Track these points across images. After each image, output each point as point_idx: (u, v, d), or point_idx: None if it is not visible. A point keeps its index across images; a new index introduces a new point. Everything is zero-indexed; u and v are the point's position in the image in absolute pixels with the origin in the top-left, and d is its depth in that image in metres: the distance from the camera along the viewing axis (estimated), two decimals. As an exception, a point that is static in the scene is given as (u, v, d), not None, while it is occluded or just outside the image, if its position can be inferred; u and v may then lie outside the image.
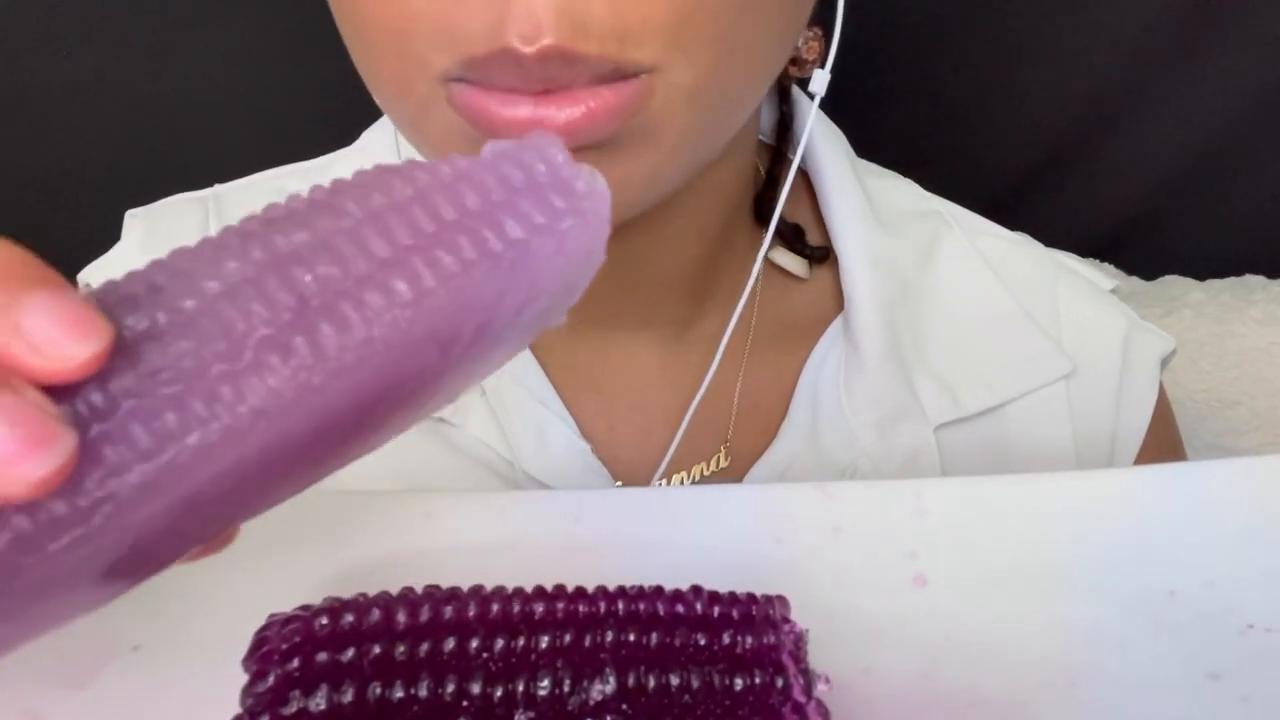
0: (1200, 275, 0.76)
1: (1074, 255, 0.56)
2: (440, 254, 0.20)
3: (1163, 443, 0.50)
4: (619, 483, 0.46)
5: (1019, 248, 0.52)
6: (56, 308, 0.17)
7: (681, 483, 0.46)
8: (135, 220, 0.50)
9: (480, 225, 0.21)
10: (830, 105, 0.43)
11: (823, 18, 0.39)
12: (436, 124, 0.33)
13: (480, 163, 0.22)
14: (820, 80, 0.42)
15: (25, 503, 0.17)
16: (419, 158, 0.37)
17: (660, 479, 0.46)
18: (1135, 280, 0.77)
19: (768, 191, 0.49)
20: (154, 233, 0.49)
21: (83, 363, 0.17)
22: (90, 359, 0.17)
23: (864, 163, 0.52)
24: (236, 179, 0.51)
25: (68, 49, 0.66)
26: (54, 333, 0.17)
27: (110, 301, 0.18)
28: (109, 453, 0.17)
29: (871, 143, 0.54)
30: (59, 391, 0.17)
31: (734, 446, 0.47)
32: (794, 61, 0.41)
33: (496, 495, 0.36)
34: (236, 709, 0.25)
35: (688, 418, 0.44)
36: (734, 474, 0.47)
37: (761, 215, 0.49)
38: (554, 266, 0.22)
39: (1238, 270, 0.76)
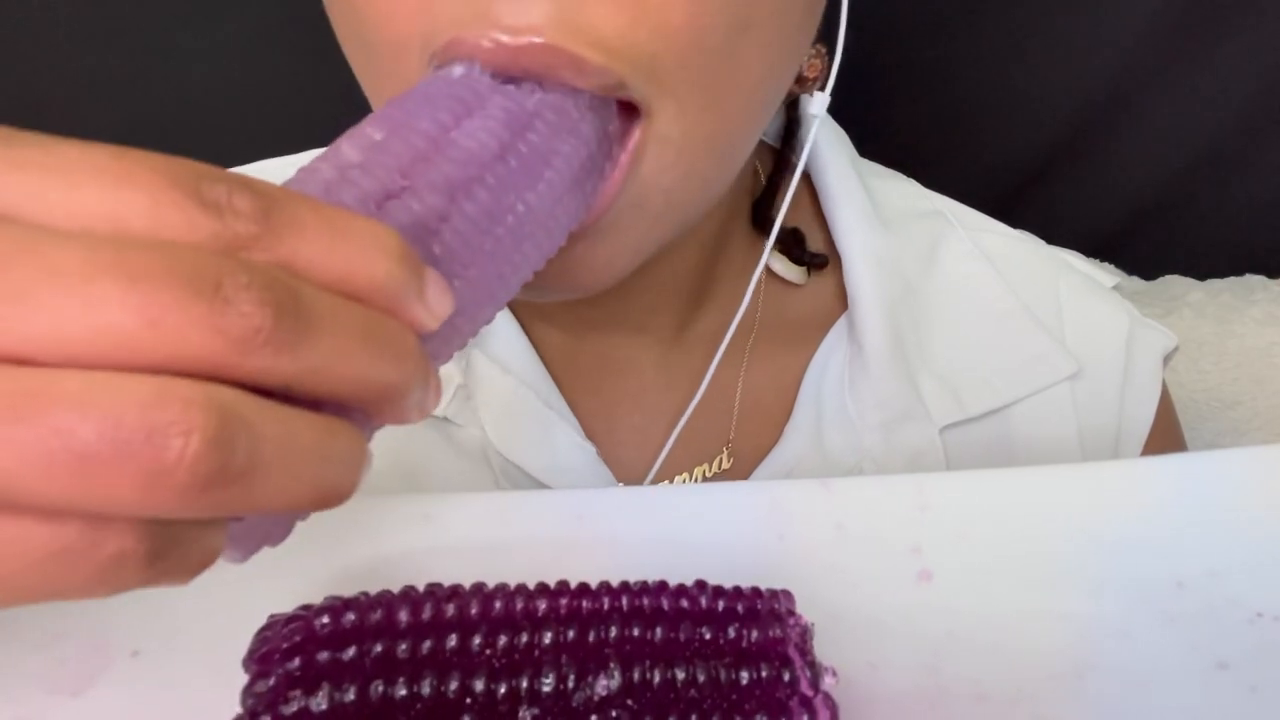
0: (1200, 275, 0.76)
1: (1075, 253, 0.56)
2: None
3: (1167, 439, 0.50)
4: (621, 483, 0.46)
5: (1021, 245, 0.52)
6: (438, 281, 0.21)
7: (684, 483, 0.46)
8: None
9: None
10: (832, 105, 0.44)
11: (822, 37, 0.39)
12: None
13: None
14: (820, 103, 0.42)
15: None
16: None
17: (661, 479, 0.45)
18: (1136, 280, 0.77)
19: (767, 196, 0.49)
20: None
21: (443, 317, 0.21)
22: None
23: (865, 162, 0.52)
24: None
25: (66, 48, 0.66)
26: (439, 298, 0.21)
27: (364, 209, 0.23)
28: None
29: (873, 143, 0.54)
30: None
31: (736, 447, 0.47)
32: (796, 80, 0.41)
33: (498, 495, 0.36)
34: (238, 712, 0.24)
35: (685, 417, 0.44)
36: (737, 475, 0.46)
37: (759, 219, 0.48)
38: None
39: (1238, 270, 0.76)
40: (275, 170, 0.51)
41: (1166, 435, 0.50)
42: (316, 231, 0.19)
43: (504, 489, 0.44)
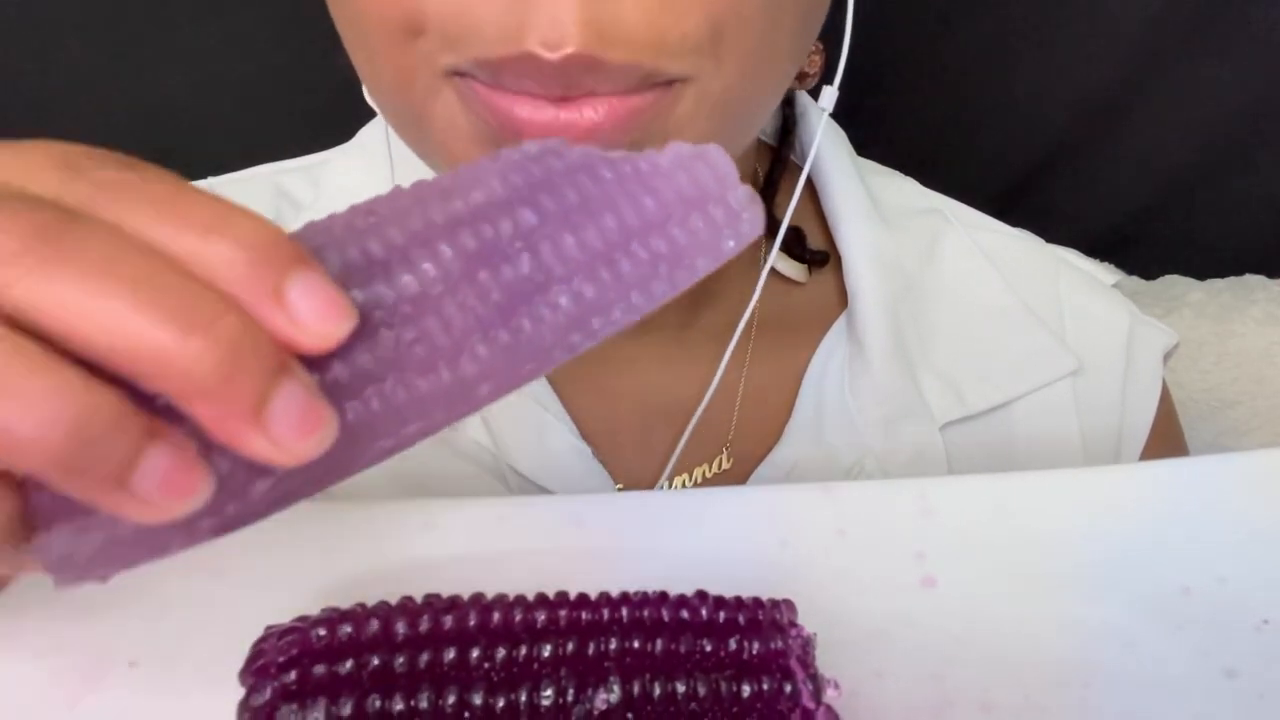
0: (1200, 275, 0.76)
1: (1075, 251, 0.56)
2: (624, 262, 0.22)
3: (1168, 437, 0.50)
4: (619, 485, 0.45)
5: (1020, 243, 0.52)
6: (316, 289, 0.19)
7: (684, 485, 0.46)
8: None
9: (658, 238, 0.23)
10: (838, 93, 0.43)
11: (823, 35, 0.39)
12: (439, 118, 0.32)
13: (658, 169, 0.23)
14: (829, 96, 0.42)
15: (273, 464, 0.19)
16: (411, 157, 0.37)
17: (663, 481, 0.45)
18: (1136, 280, 0.77)
19: (766, 193, 0.48)
20: None
21: (333, 342, 0.19)
22: (339, 339, 0.19)
23: (864, 161, 0.52)
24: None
25: (65, 48, 0.66)
26: (314, 313, 0.19)
27: (339, 268, 0.20)
28: (350, 418, 0.20)
29: (873, 142, 0.54)
30: (306, 358, 0.19)
31: (736, 447, 0.47)
32: (797, 76, 0.41)
33: (497, 501, 0.36)
34: (234, 723, 0.24)
35: (695, 419, 0.44)
36: (737, 475, 0.46)
37: None
38: (698, 274, 0.24)
39: (1238, 270, 0.76)
40: (266, 175, 0.50)
41: (1167, 432, 0.50)
42: (161, 204, 0.19)
43: (502, 492, 0.44)
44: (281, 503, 0.20)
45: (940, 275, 0.49)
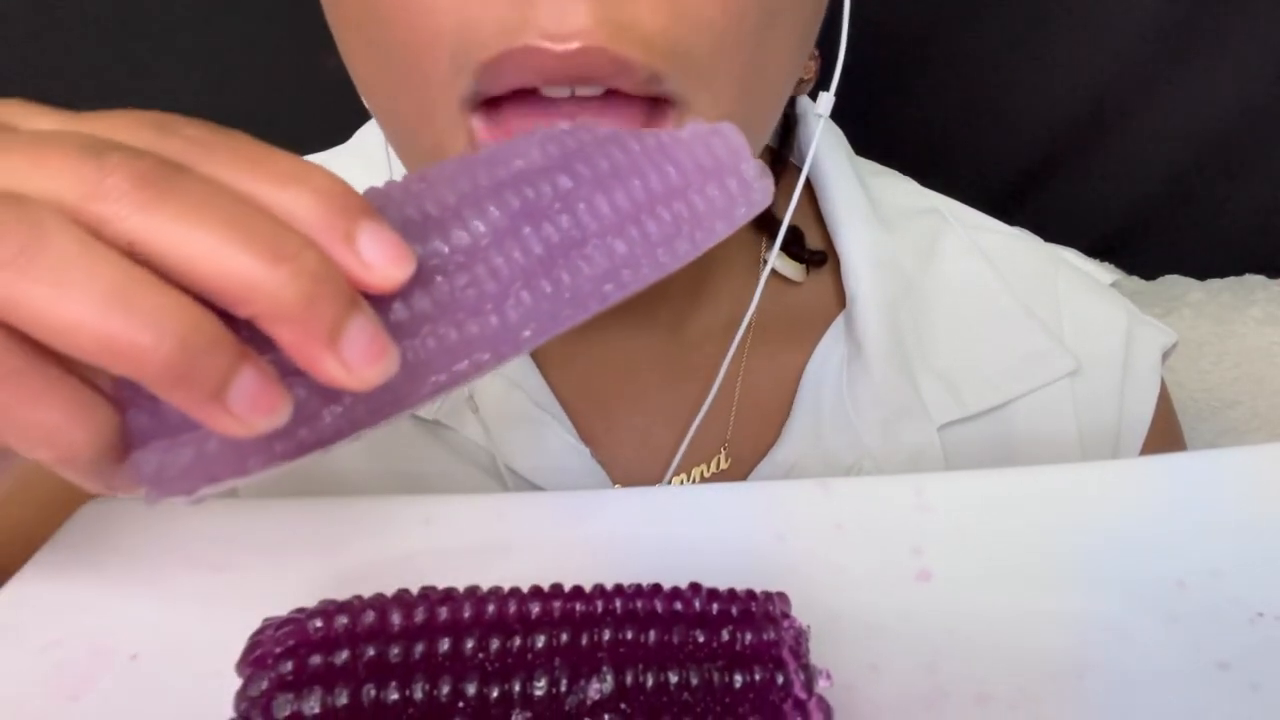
0: (1200, 275, 0.76)
1: (1074, 250, 0.56)
2: (651, 224, 0.25)
3: (1166, 435, 0.50)
4: (617, 485, 0.45)
5: (1019, 243, 0.52)
6: (382, 236, 0.21)
7: (681, 484, 0.46)
8: None
9: (680, 203, 0.26)
10: (834, 98, 0.43)
11: (820, 38, 0.39)
12: (455, 149, 0.33)
13: (679, 141, 0.26)
14: (825, 103, 0.42)
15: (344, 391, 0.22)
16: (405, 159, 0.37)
17: (664, 483, 0.45)
18: (1135, 280, 0.77)
19: None
20: None
21: (398, 283, 0.22)
22: (403, 280, 0.22)
23: (862, 161, 0.52)
24: None
25: (64, 48, 0.67)
26: (380, 255, 0.21)
27: (398, 224, 0.23)
28: (410, 358, 0.23)
29: (873, 143, 0.54)
30: (372, 299, 0.22)
31: (734, 448, 0.47)
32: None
33: (494, 497, 0.36)
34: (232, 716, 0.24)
35: (697, 421, 0.44)
36: (735, 475, 0.46)
37: (758, 219, 0.48)
38: (719, 238, 0.26)
39: (1238, 270, 0.76)
40: None
41: (1166, 432, 0.50)
42: (248, 158, 0.21)
43: (499, 491, 0.44)
44: (346, 431, 0.23)
45: (938, 276, 0.49)
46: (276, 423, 0.21)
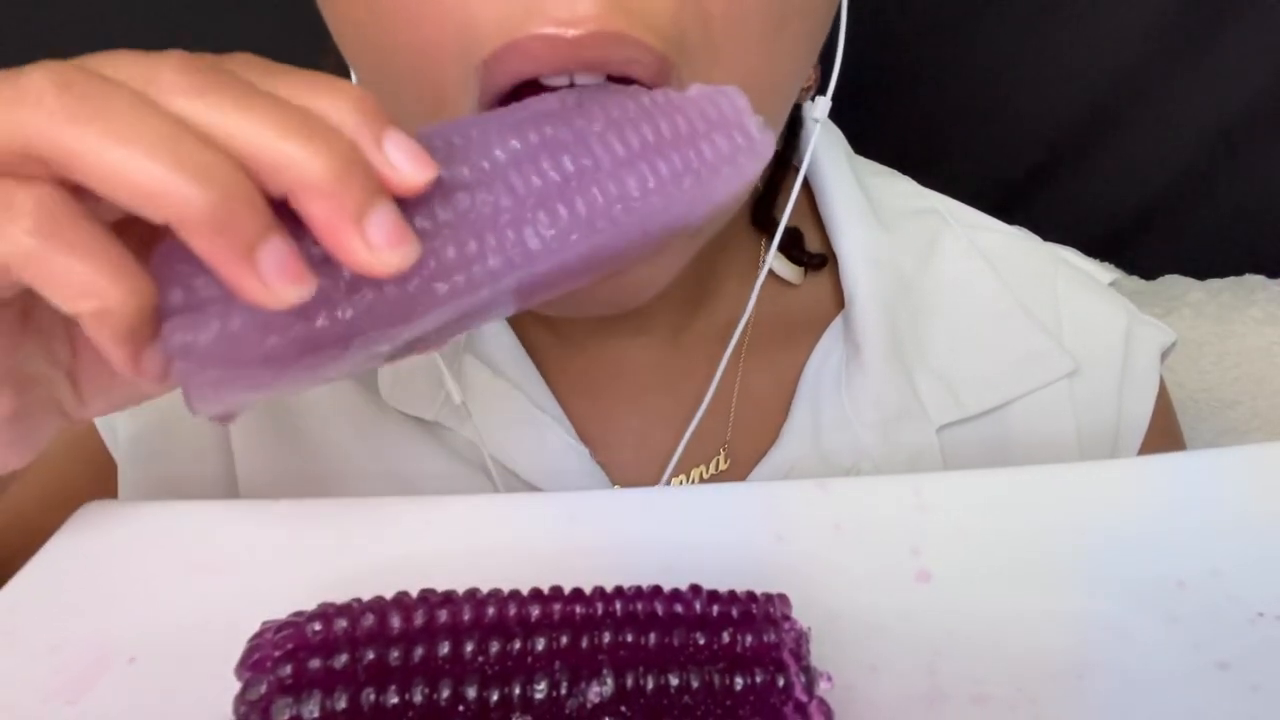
0: (1200, 275, 0.76)
1: (1073, 250, 0.56)
2: (660, 163, 0.27)
3: (1165, 436, 0.50)
4: (617, 486, 0.45)
5: (1018, 242, 0.52)
6: (407, 143, 0.24)
7: (681, 485, 0.46)
8: None
9: (687, 145, 0.28)
10: (832, 106, 0.44)
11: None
12: None
13: (686, 98, 0.29)
14: (821, 107, 0.42)
15: (369, 279, 0.24)
16: None
17: (662, 483, 0.45)
18: (1135, 280, 0.77)
19: (766, 195, 0.48)
20: None
21: (420, 185, 0.24)
22: (425, 184, 0.24)
23: (862, 160, 0.52)
24: None
25: (64, 48, 0.66)
26: (405, 159, 0.24)
27: (428, 146, 0.25)
28: (431, 263, 0.24)
29: (873, 143, 0.54)
30: (400, 205, 0.24)
31: (733, 449, 0.47)
32: None
33: (494, 499, 0.36)
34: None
35: (694, 423, 0.44)
36: (734, 476, 0.46)
37: (757, 219, 0.48)
38: (729, 189, 0.29)
39: (1238, 270, 0.76)
40: None
41: (1165, 431, 0.50)
42: (290, 72, 0.24)
43: (499, 493, 0.44)
44: (364, 329, 0.24)
45: (937, 276, 0.49)
46: (300, 294, 0.22)
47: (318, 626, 0.25)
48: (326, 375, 0.25)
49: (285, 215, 0.23)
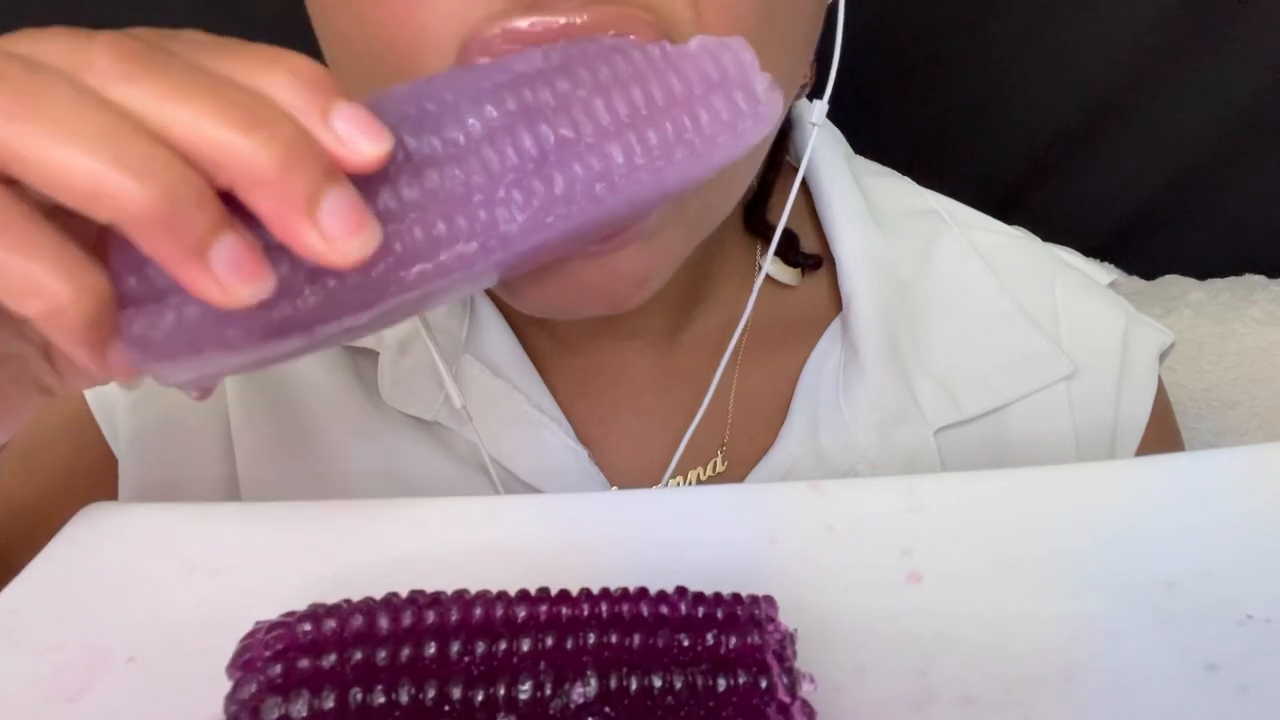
0: (1200, 275, 0.76)
1: (1072, 250, 0.56)
2: (650, 132, 0.25)
3: (1163, 437, 0.50)
4: (614, 487, 0.46)
5: (1016, 243, 0.52)
6: (357, 114, 0.22)
7: (677, 486, 0.46)
8: None
9: (682, 110, 0.25)
10: (831, 105, 0.44)
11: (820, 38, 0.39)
12: None
13: (685, 53, 0.26)
14: (819, 111, 0.42)
15: (332, 269, 0.22)
16: None
17: (661, 485, 0.45)
18: (1135, 280, 0.77)
19: (760, 197, 0.49)
20: None
21: (374, 160, 0.22)
22: (379, 158, 0.22)
23: (860, 160, 0.52)
24: None
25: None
26: (356, 132, 0.22)
27: (390, 115, 0.23)
28: (397, 247, 0.23)
29: (872, 143, 0.54)
30: (359, 182, 0.22)
31: (730, 451, 0.47)
32: None
33: (488, 500, 0.36)
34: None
35: (693, 425, 0.44)
36: (731, 478, 0.46)
37: (752, 221, 0.48)
38: (727, 156, 0.26)
39: (1238, 270, 0.76)
40: None
41: (1162, 433, 0.50)
42: (231, 46, 0.22)
43: (496, 493, 0.45)
44: (329, 315, 0.23)
45: (935, 278, 0.49)
46: (258, 293, 0.21)
47: (308, 627, 0.25)
48: (296, 353, 0.24)
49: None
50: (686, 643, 0.25)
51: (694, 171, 0.26)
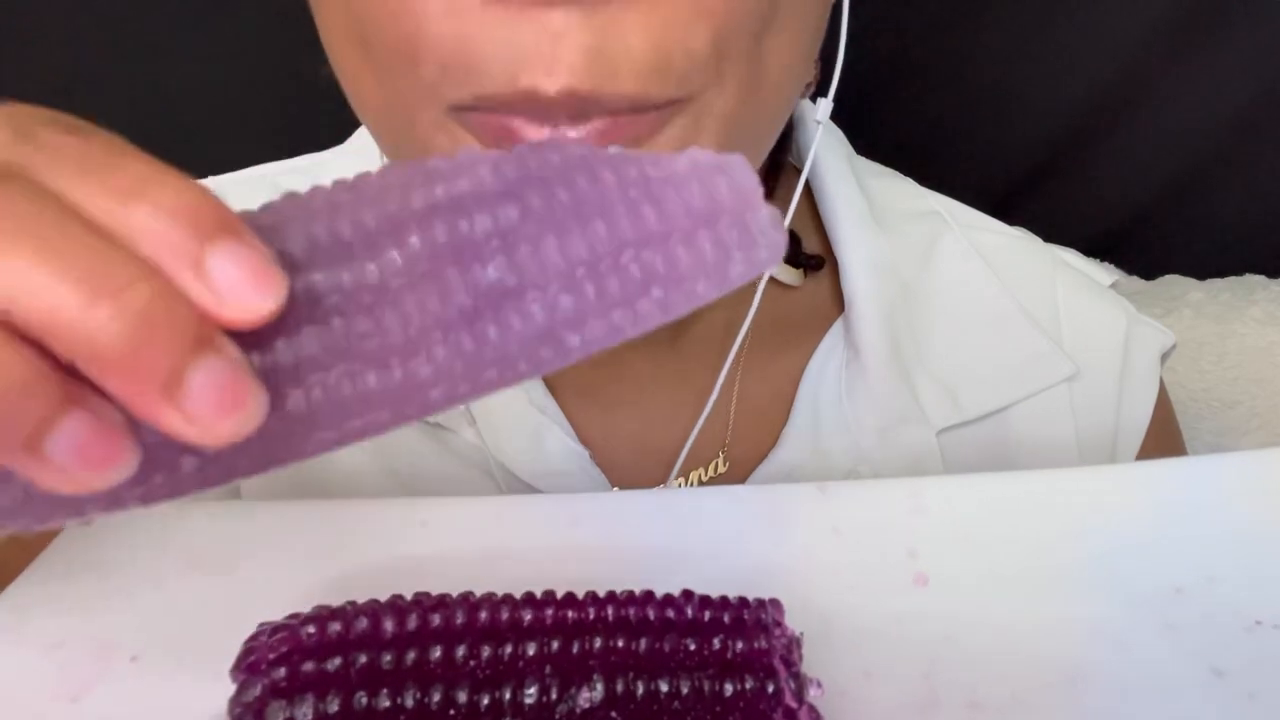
0: (1200, 275, 0.76)
1: (1073, 251, 0.56)
2: (612, 280, 0.20)
3: (1164, 438, 0.50)
4: (616, 488, 0.46)
5: (1018, 244, 0.52)
6: (242, 259, 0.18)
7: (680, 487, 0.46)
8: None
9: (654, 254, 0.20)
10: (832, 104, 0.43)
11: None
12: (444, 149, 0.32)
13: (670, 175, 0.21)
14: (824, 109, 0.42)
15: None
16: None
17: (666, 485, 0.45)
18: (1135, 280, 0.77)
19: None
20: None
21: (261, 316, 0.18)
22: (269, 313, 0.18)
23: (863, 161, 0.52)
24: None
25: (62, 48, 0.67)
26: (238, 282, 0.17)
27: (303, 245, 0.19)
28: (292, 409, 0.19)
29: (873, 143, 0.54)
30: (248, 336, 0.18)
31: (732, 452, 0.47)
32: None
33: (492, 500, 0.36)
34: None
35: (697, 427, 0.44)
36: (733, 479, 0.46)
37: None
38: (706, 298, 0.22)
39: (1238, 270, 0.76)
40: (266, 175, 0.51)
41: (1163, 433, 0.50)
42: (91, 167, 0.18)
43: (498, 494, 0.44)
44: (219, 480, 0.19)
45: (937, 280, 0.49)
46: (114, 479, 0.17)
47: (312, 629, 0.25)
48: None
49: None
50: (693, 647, 0.25)
51: (658, 318, 0.21)
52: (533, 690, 0.24)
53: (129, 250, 0.17)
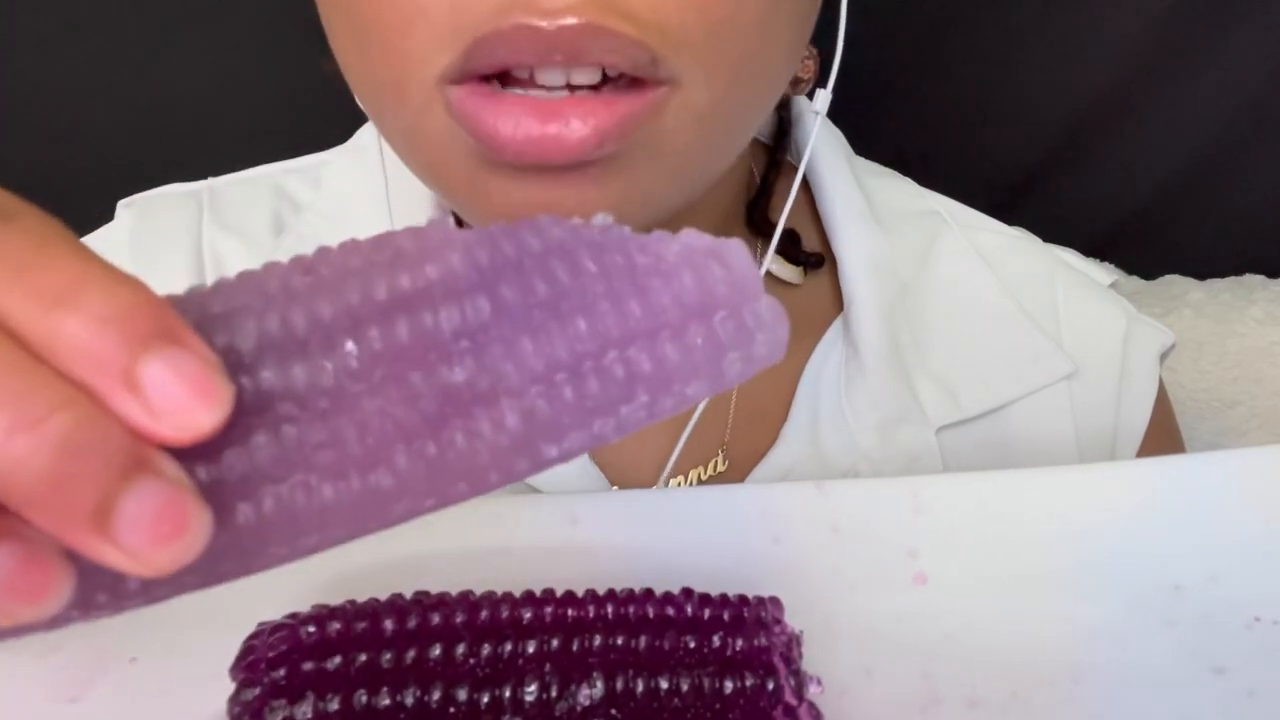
0: (1200, 275, 0.76)
1: (1073, 251, 0.56)
2: (591, 381, 0.19)
3: (1164, 437, 0.50)
4: (615, 487, 0.46)
5: (1017, 244, 0.52)
6: (180, 370, 0.16)
7: (679, 486, 0.46)
8: (127, 210, 0.49)
9: (640, 352, 0.19)
10: (831, 104, 0.43)
11: (819, 37, 0.39)
12: (432, 131, 0.33)
13: (658, 263, 0.19)
14: (822, 100, 0.42)
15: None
16: (397, 161, 0.37)
17: (660, 483, 0.45)
18: (1135, 280, 0.77)
19: (762, 196, 0.48)
20: (145, 224, 0.48)
21: (201, 433, 0.16)
22: (210, 428, 0.16)
23: (862, 161, 0.52)
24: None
25: (62, 48, 0.67)
26: (175, 399, 0.16)
27: (254, 340, 0.17)
28: (241, 529, 0.17)
29: (872, 143, 0.54)
30: (191, 448, 0.16)
31: (732, 450, 0.47)
32: (792, 81, 0.41)
33: (491, 499, 0.36)
34: (226, 720, 0.24)
35: (691, 423, 0.44)
36: (732, 478, 0.46)
37: (754, 220, 0.48)
38: (696, 398, 0.20)
39: (1238, 270, 0.76)
40: (268, 175, 0.51)
41: (1163, 433, 0.50)
42: (14, 267, 0.16)
43: (497, 493, 0.44)
44: (168, 595, 0.18)
45: (936, 279, 0.49)
46: (47, 611, 0.16)
47: (311, 629, 0.25)
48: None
49: None
50: (693, 645, 0.25)
51: (648, 421, 0.19)
52: (533, 688, 0.24)
53: (53, 368, 0.16)
